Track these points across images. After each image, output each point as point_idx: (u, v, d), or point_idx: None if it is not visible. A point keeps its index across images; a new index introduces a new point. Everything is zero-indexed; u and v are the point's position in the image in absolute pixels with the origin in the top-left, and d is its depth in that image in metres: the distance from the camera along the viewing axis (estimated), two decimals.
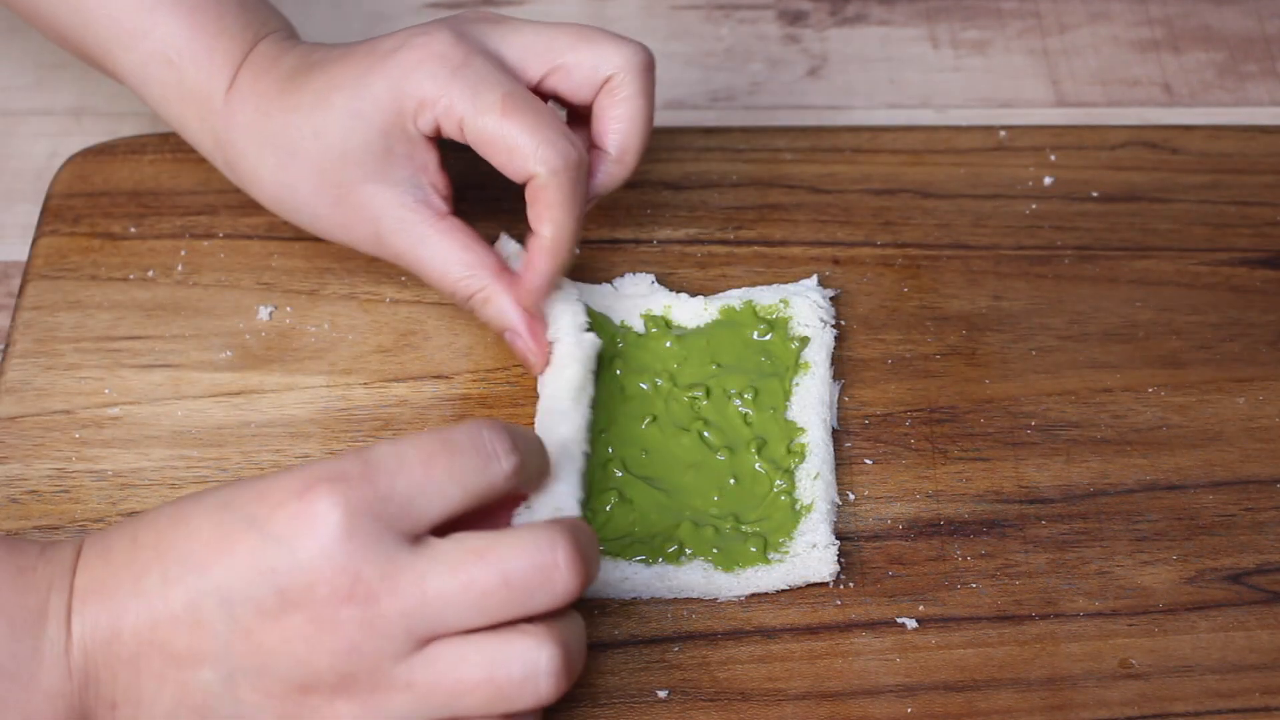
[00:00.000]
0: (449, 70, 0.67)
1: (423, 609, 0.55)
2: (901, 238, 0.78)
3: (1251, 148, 0.82)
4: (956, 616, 0.67)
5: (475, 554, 0.56)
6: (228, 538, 0.56)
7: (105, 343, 0.74)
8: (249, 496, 0.56)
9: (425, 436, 0.57)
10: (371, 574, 0.55)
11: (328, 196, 0.70)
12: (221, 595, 0.55)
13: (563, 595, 0.56)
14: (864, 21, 0.91)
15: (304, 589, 0.55)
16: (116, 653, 0.56)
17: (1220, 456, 0.71)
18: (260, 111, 0.71)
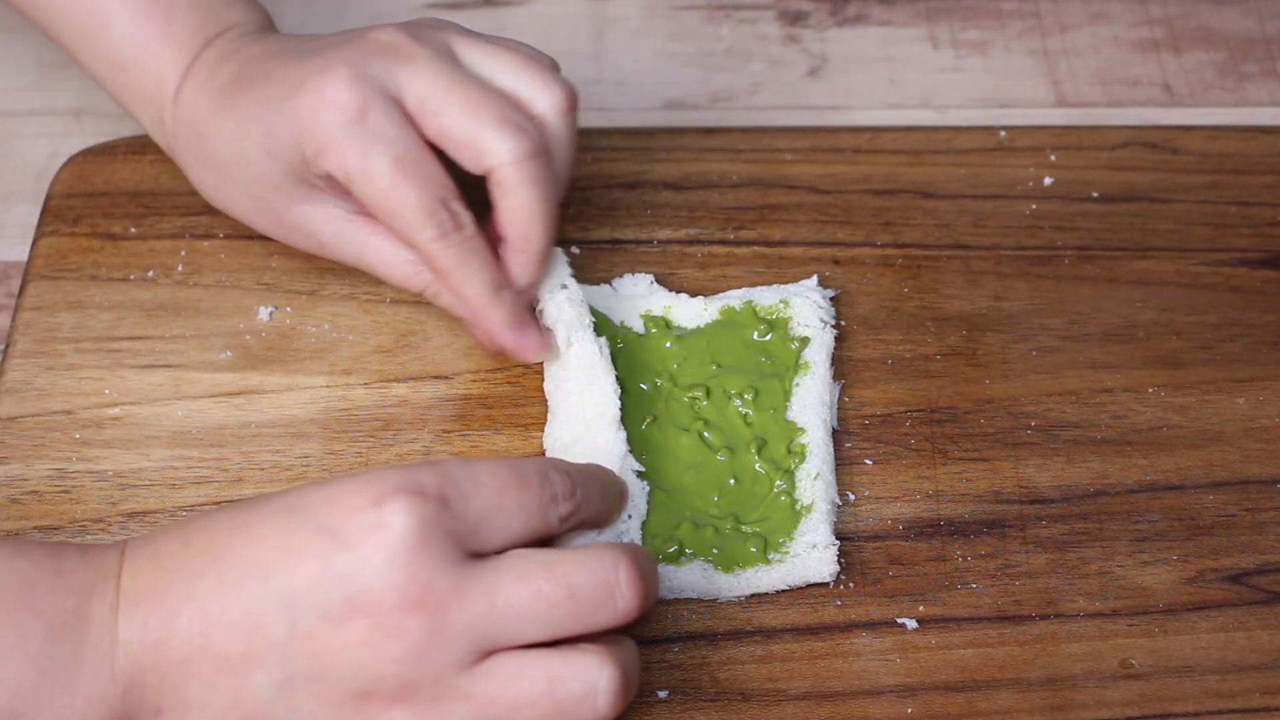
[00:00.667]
0: (344, 121, 0.66)
1: (490, 618, 0.55)
2: (902, 238, 0.78)
3: (1251, 148, 0.82)
4: (957, 617, 0.67)
5: (543, 567, 0.56)
6: (294, 542, 0.55)
7: (105, 343, 0.74)
8: (317, 502, 0.56)
9: (500, 465, 0.58)
10: (442, 583, 0.55)
11: (265, 216, 0.71)
12: (284, 599, 0.55)
13: (623, 614, 0.57)
14: (864, 22, 0.91)
15: (372, 595, 0.54)
16: (165, 657, 0.56)
17: (1220, 457, 0.71)
18: (194, 130, 0.71)
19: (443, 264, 0.68)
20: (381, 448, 0.71)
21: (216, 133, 0.70)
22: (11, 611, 0.55)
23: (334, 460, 0.70)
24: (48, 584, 0.56)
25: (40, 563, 0.57)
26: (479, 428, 0.71)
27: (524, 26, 0.88)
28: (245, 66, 0.70)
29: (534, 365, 0.73)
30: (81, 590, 0.56)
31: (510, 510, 0.57)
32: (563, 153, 0.69)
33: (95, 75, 0.74)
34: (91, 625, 0.56)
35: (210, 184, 0.72)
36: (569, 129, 0.69)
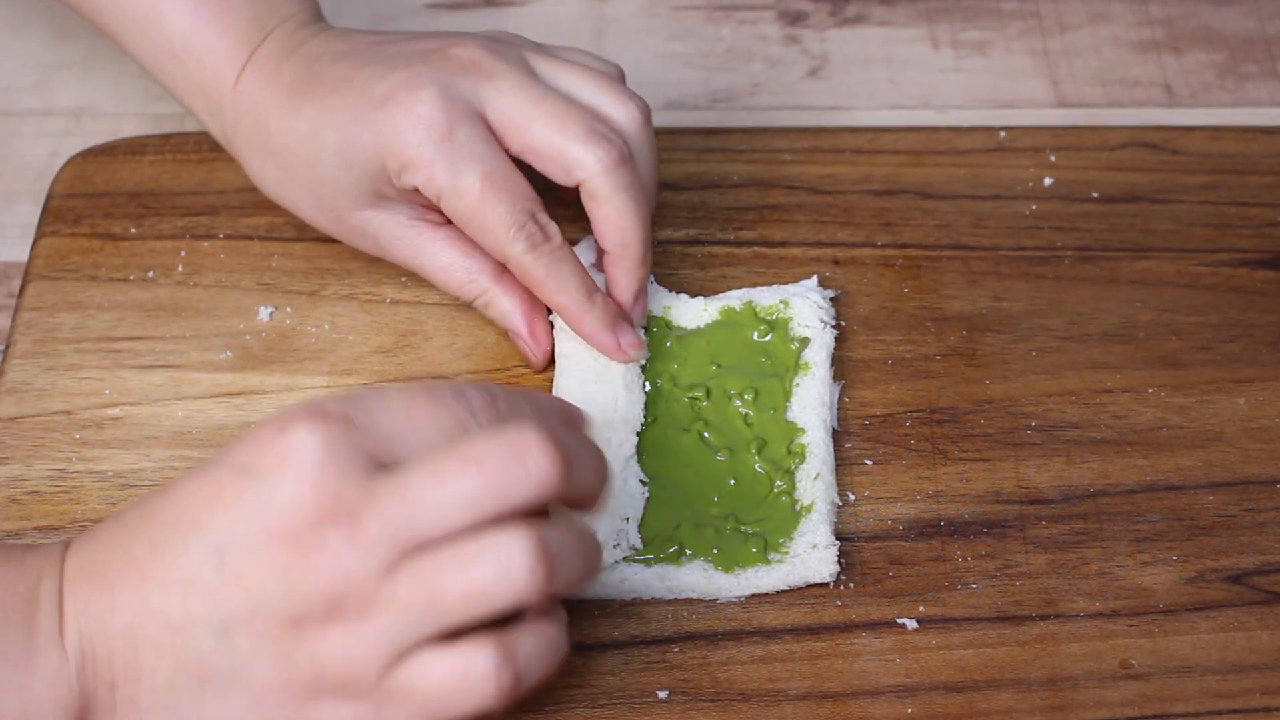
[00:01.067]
0: (434, 140, 0.67)
1: (403, 515, 0.54)
2: (902, 238, 0.78)
3: (1252, 148, 0.82)
4: (957, 617, 0.66)
5: (447, 450, 0.55)
6: (216, 489, 0.56)
7: (106, 343, 0.74)
8: (232, 447, 0.56)
9: (409, 386, 0.58)
10: (351, 492, 0.54)
11: (326, 215, 0.72)
12: (211, 546, 0.55)
13: (540, 481, 0.55)
14: (864, 22, 0.91)
15: (286, 518, 0.54)
16: (110, 628, 0.56)
17: (1220, 457, 0.71)
18: (260, 125, 0.71)
19: (535, 275, 0.69)
20: None
21: (286, 131, 0.70)
22: None
23: None
24: (0, 573, 0.57)
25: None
26: None
27: (524, 26, 0.88)
28: (314, 66, 0.71)
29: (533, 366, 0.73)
30: (29, 576, 0.57)
31: (423, 423, 0.56)
32: (646, 162, 0.71)
33: (146, 65, 0.74)
34: (42, 608, 0.56)
35: (271, 178, 0.72)
36: (649, 139, 0.71)
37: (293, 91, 0.71)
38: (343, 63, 0.71)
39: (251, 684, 0.56)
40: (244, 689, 0.56)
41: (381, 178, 0.69)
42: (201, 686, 0.56)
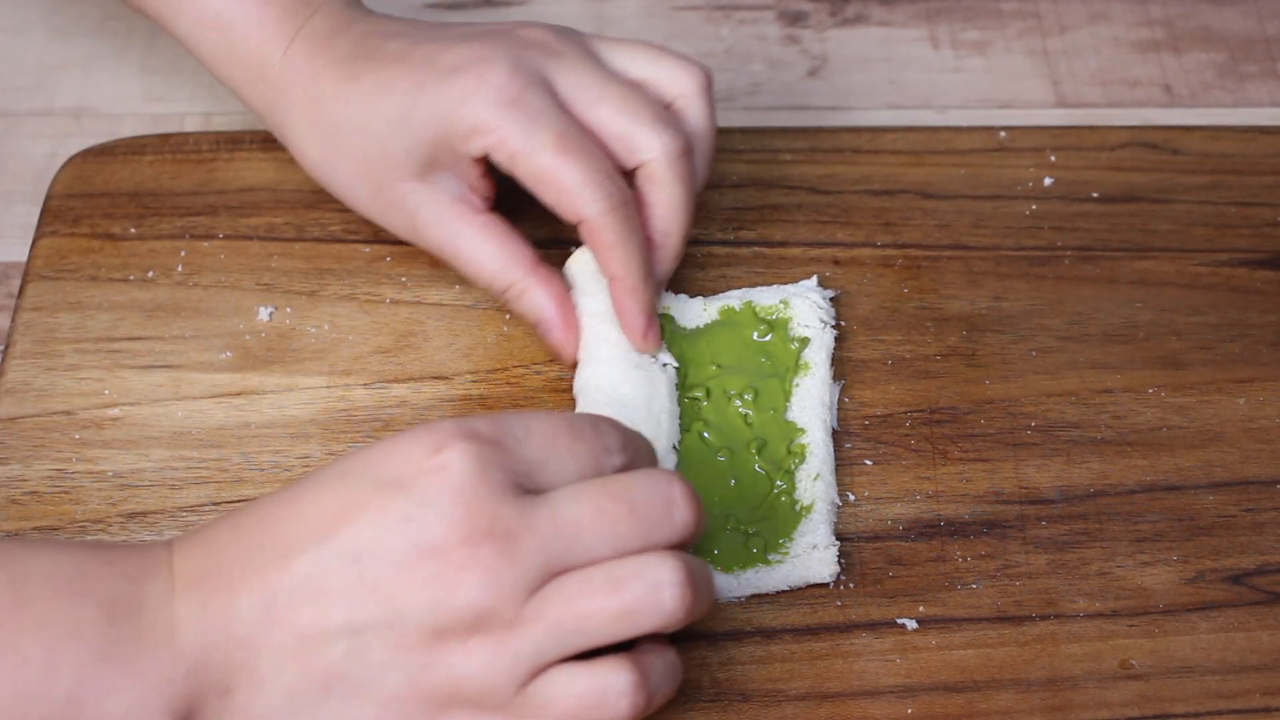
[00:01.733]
0: (505, 102, 0.68)
1: (556, 540, 0.55)
2: (902, 238, 0.78)
3: (1251, 148, 0.82)
4: (957, 617, 0.66)
5: (601, 487, 0.57)
6: (354, 501, 0.56)
7: (105, 343, 0.74)
8: (372, 461, 0.57)
9: (551, 415, 0.58)
10: (506, 513, 0.55)
11: (368, 186, 0.71)
12: (349, 555, 0.55)
13: (682, 527, 0.57)
14: (864, 22, 0.91)
15: (438, 535, 0.55)
16: (230, 634, 0.55)
17: (1220, 457, 0.71)
18: (311, 92, 0.71)
19: (609, 237, 0.68)
20: None
21: (340, 98, 0.70)
22: (66, 599, 0.55)
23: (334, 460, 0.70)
24: (99, 571, 0.56)
25: (88, 555, 0.57)
26: None
27: None
28: (369, 41, 0.71)
29: (533, 366, 0.73)
30: (134, 576, 0.56)
31: (564, 456, 0.57)
32: (705, 133, 0.72)
33: (185, 37, 0.74)
34: (147, 609, 0.55)
35: (314, 146, 0.72)
36: (709, 107, 0.71)
37: (348, 62, 0.71)
38: (400, 40, 0.71)
39: (380, 693, 0.56)
40: (371, 698, 0.56)
41: (441, 145, 0.69)
42: (325, 694, 0.56)
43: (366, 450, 0.57)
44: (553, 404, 0.72)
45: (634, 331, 0.70)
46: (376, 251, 0.77)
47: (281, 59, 0.72)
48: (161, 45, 0.88)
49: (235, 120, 0.85)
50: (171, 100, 0.86)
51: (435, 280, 0.76)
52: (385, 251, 0.77)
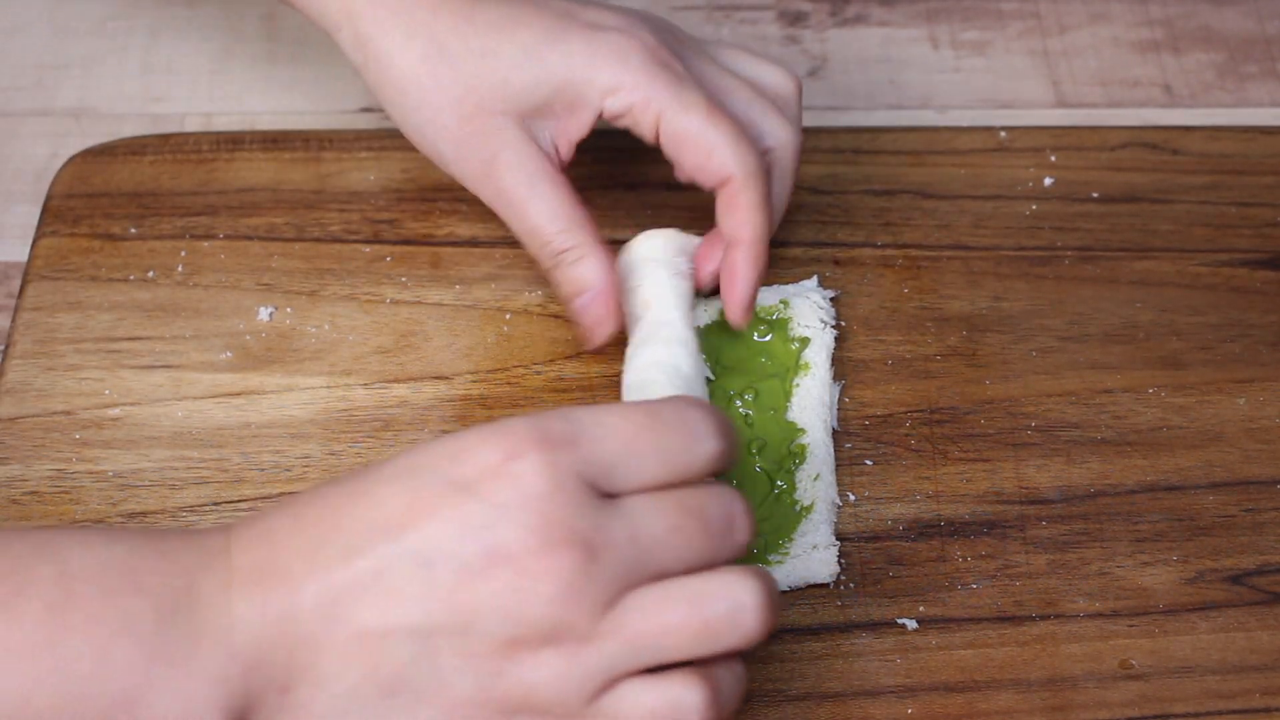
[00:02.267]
0: (656, 65, 0.69)
1: (633, 552, 0.54)
2: (902, 238, 0.78)
3: (1251, 148, 0.82)
4: (957, 617, 0.67)
5: (677, 501, 0.56)
6: (423, 501, 0.54)
7: (105, 343, 0.74)
8: (442, 459, 0.55)
9: (632, 408, 0.57)
10: (582, 524, 0.54)
11: (462, 110, 0.70)
12: (419, 557, 0.53)
13: (740, 546, 0.57)
14: (864, 22, 0.91)
15: (513, 543, 0.53)
16: (291, 632, 0.54)
17: (1221, 457, 0.71)
18: (424, 3, 0.70)
19: (751, 198, 0.69)
20: (382, 448, 0.71)
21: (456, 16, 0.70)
22: (116, 595, 0.53)
23: (334, 460, 0.70)
24: (151, 565, 0.54)
25: (141, 546, 0.55)
26: None
27: None
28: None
29: (533, 366, 0.73)
30: (190, 570, 0.54)
31: (646, 452, 0.56)
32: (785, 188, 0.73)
33: None
34: (203, 604, 0.54)
35: (414, 56, 0.70)
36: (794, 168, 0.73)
37: None
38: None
39: (446, 698, 0.54)
40: (437, 703, 0.54)
41: (565, 92, 0.69)
42: (389, 696, 0.54)
43: (436, 446, 0.56)
44: (553, 403, 0.72)
45: (739, 301, 0.70)
46: (376, 251, 0.77)
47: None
48: (161, 45, 0.88)
49: (235, 120, 0.85)
50: (171, 100, 0.86)
51: (435, 280, 0.76)
52: (385, 251, 0.77)
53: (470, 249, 0.77)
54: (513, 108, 0.70)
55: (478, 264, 0.77)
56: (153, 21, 0.89)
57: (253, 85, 0.87)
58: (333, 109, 0.85)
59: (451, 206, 0.78)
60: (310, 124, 0.84)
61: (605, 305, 0.70)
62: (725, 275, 0.71)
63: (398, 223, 0.78)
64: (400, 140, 0.80)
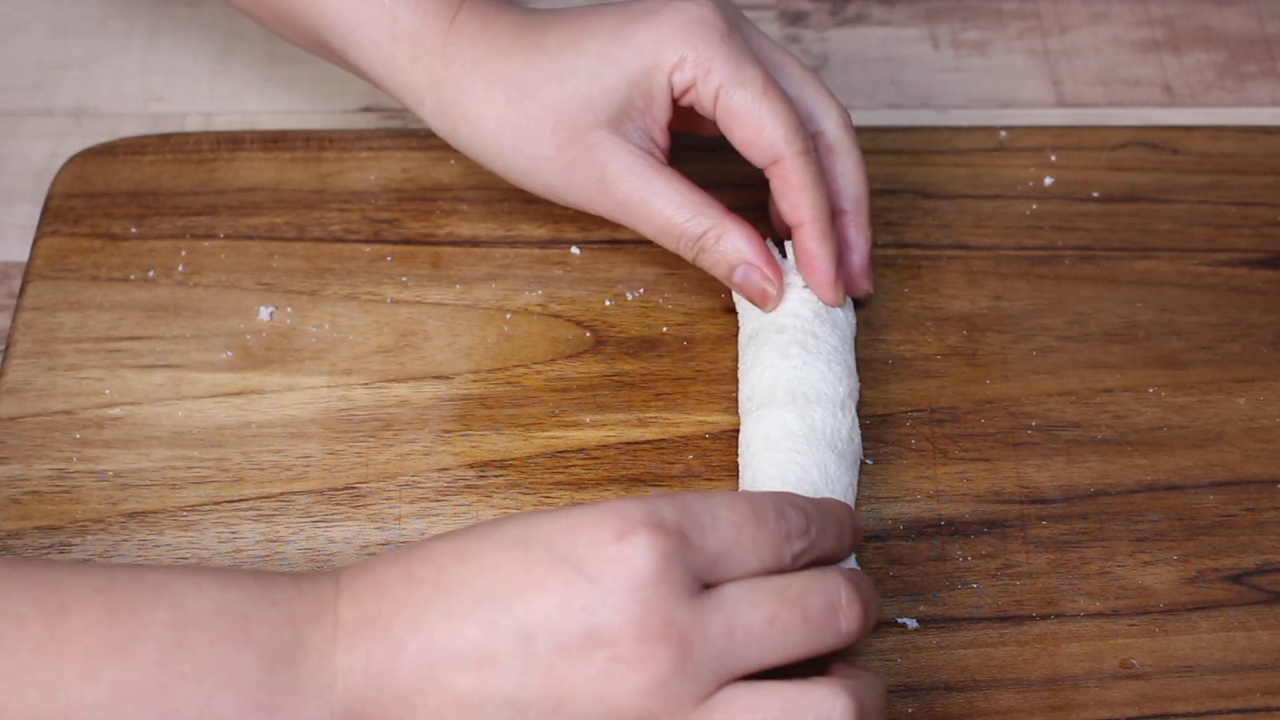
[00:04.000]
0: (717, 37, 0.69)
1: (729, 647, 0.55)
2: (902, 238, 0.78)
3: (1252, 148, 0.82)
4: (957, 617, 0.67)
5: (777, 591, 0.56)
6: (532, 573, 0.55)
7: (106, 343, 0.74)
8: (555, 533, 0.55)
9: (737, 500, 0.57)
10: (682, 616, 0.54)
11: (558, 138, 0.71)
12: (520, 631, 0.54)
13: (847, 635, 0.57)
14: (864, 22, 0.91)
15: (613, 627, 0.54)
16: (390, 689, 0.54)
17: (1221, 457, 0.71)
18: (495, 51, 0.71)
19: (804, 178, 0.69)
20: (382, 448, 0.71)
21: (525, 54, 0.71)
22: (225, 644, 0.54)
23: (334, 460, 0.70)
24: (261, 614, 0.55)
25: (252, 592, 0.56)
26: (479, 428, 0.71)
27: None
28: (536, 13, 0.72)
29: (534, 366, 0.73)
30: (298, 620, 0.55)
31: (747, 547, 0.56)
32: (855, 164, 0.73)
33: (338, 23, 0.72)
34: (309, 656, 0.55)
35: (498, 106, 0.71)
36: (855, 142, 0.73)
37: (527, 24, 0.71)
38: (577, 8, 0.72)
39: None
40: None
41: (640, 84, 0.70)
42: None
43: (549, 517, 0.56)
44: (553, 403, 0.72)
45: (825, 279, 0.70)
46: (377, 251, 0.77)
47: (450, 27, 0.71)
48: (161, 45, 0.88)
49: (235, 120, 0.85)
50: (172, 100, 0.86)
51: (436, 280, 0.76)
52: (385, 251, 0.77)
53: (470, 249, 0.77)
54: (603, 118, 0.70)
55: (478, 264, 0.77)
56: (153, 21, 0.89)
57: (253, 85, 0.87)
58: (333, 109, 0.85)
59: (451, 206, 0.78)
60: (310, 124, 0.84)
61: (762, 273, 0.70)
62: (802, 262, 0.71)
63: (398, 222, 0.78)
64: (400, 140, 0.80)
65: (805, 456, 0.66)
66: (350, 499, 0.69)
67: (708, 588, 0.56)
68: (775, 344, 0.69)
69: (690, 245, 0.71)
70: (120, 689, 0.53)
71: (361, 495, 0.69)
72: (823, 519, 0.59)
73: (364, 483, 0.70)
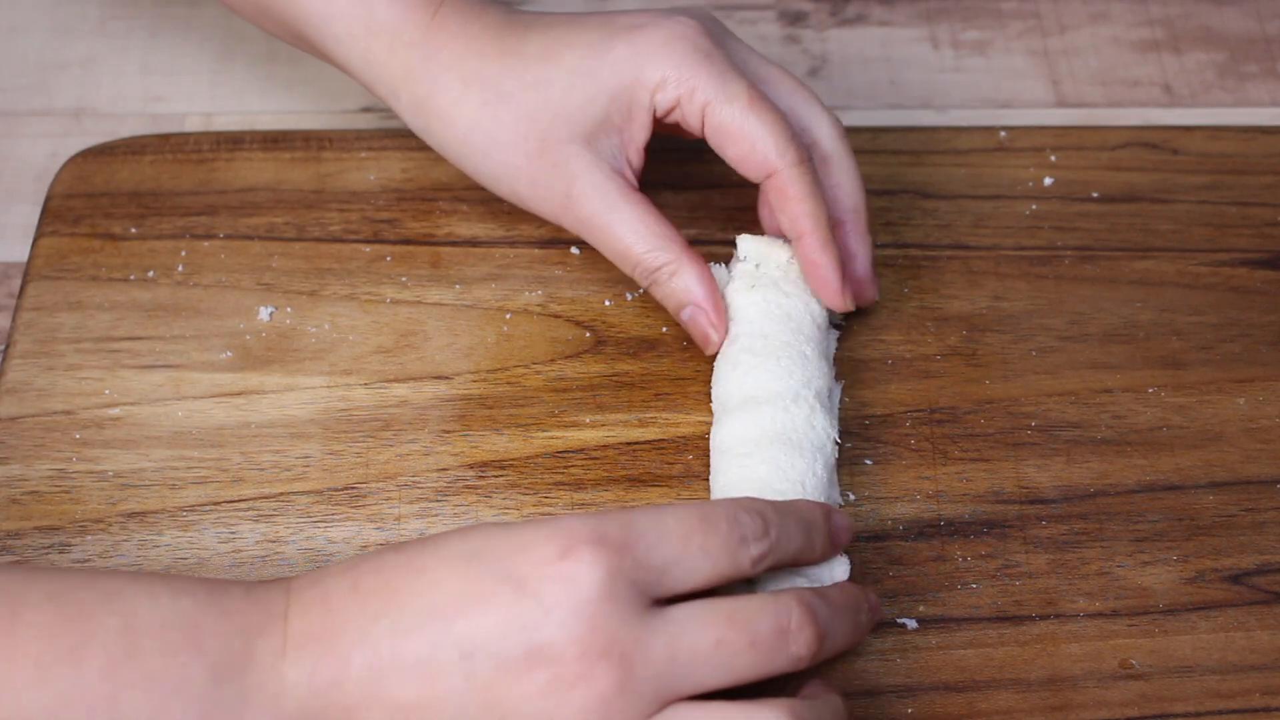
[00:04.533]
0: (700, 55, 0.69)
1: (673, 667, 0.55)
2: (902, 238, 0.78)
3: (1252, 148, 0.82)
4: (957, 617, 0.67)
5: (726, 615, 0.56)
6: (476, 590, 0.55)
7: (105, 343, 0.74)
8: (501, 551, 0.55)
9: (685, 510, 0.57)
10: (626, 635, 0.54)
11: (528, 147, 0.70)
12: (463, 648, 0.54)
13: (796, 659, 0.56)
14: (864, 22, 0.91)
15: (556, 647, 0.54)
16: (336, 701, 0.55)
17: (1221, 457, 0.71)
18: (472, 51, 0.71)
19: (800, 189, 0.69)
20: (382, 448, 0.71)
21: (503, 57, 0.70)
22: (175, 654, 0.54)
23: (334, 460, 0.70)
24: (212, 624, 0.55)
25: (204, 602, 0.56)
26: (479, 428, 0.71)
27: None
28: (518, 15, 0.72)
29: (533, 366, 0.73)
30: (248, 631, 0.55)
31: (696, 555, 0.56)
32: (851, 173, 0.72)
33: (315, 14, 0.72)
34: (258, 668, 0.55)
35: (472, 107, 0.71)
36: (849, 151, 0.72)
37: (508, 26, 0.71)
38: (560, 15, 0.72)
39: None
40: None
41: (620, 100, 0.69)
42: None
43: (495, 534, 0.56)
44: (553, 403, 0.72)
45: (832, 288, 0.70)
46: (377, 251, 0.77)
47: (430, 22, 0.71)
48: (161, 45, 0.88)
49: (235, 120, 0.85)
50: (171, 100, 0.86)
51: (435, 280, 0.76)
52: (385, 251, 0.77)
53: (470, 249, 0.77)
54: (577, 132, 0.70)
55: (478, 264, 0.77)
56: (153, 21, 0.89)
57: (253, 85, 0.87)
58: (333, 109, 0.85)
59: (451, 206, 0.78)
60: (310, 124, 0.84)
61: (709, 318, 0.70)
62: (808, 273, 0.70)
63: (398, 222, 0.78)
64: (400, 140, 0.80)
65: (752, 457, 0.66)
66: (350, 499, 0.69)
67: (667, 603, 0.56)
68: (728, 355, 0.70)
69: (645, 276, 0.71)
70: (69, 696, 0.53)
71: (361, 495, 0.69)
72: (784, 520, 0.59)
73: (364, 483, 0.70)
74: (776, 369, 0.68)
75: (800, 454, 0.66)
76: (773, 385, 0.68)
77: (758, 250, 0.72)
